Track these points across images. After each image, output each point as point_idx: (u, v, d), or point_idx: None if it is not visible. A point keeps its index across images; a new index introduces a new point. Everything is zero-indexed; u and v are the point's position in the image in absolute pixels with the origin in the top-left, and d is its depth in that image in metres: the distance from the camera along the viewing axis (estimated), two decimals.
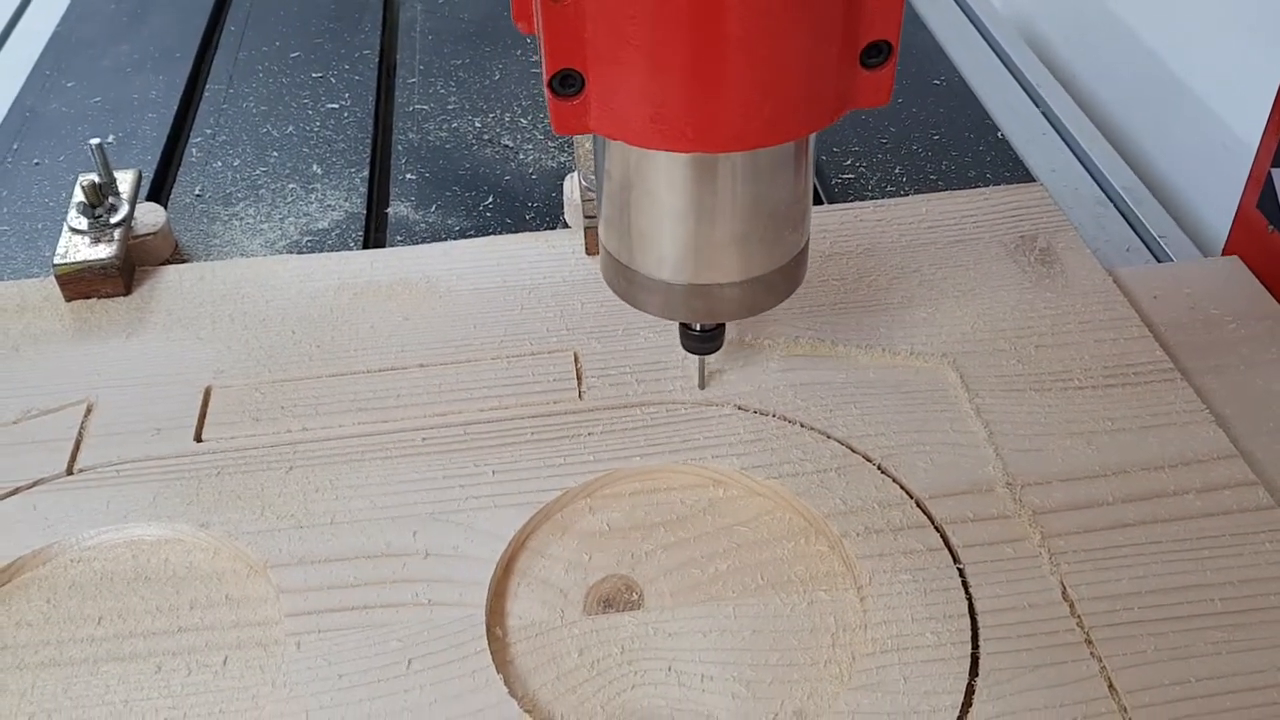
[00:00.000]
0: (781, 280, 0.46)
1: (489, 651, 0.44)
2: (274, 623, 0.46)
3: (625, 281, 0.47)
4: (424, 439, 0.52)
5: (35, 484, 0.51)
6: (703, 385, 0.54)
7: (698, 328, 0.50)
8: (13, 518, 0.49)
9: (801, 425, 0.52)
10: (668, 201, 0.42)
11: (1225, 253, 0.64)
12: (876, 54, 0.39)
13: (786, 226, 0.45)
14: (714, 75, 0.36)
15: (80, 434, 0.53)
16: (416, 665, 0.43)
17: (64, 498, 0.50)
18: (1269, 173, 0.60)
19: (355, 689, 0.43)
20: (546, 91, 0.39)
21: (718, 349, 0.52)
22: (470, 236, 0.66)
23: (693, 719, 0.42)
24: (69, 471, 0.51)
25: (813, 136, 0.43)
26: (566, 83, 0.38)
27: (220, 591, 0.47)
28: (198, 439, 0.53)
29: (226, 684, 0.44)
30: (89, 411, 0.55)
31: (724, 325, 0.51)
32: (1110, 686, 0.42)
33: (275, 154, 0.76)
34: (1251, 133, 0.75)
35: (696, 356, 0.53)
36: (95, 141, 0.63)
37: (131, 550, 0.49)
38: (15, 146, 0.77)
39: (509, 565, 0.48)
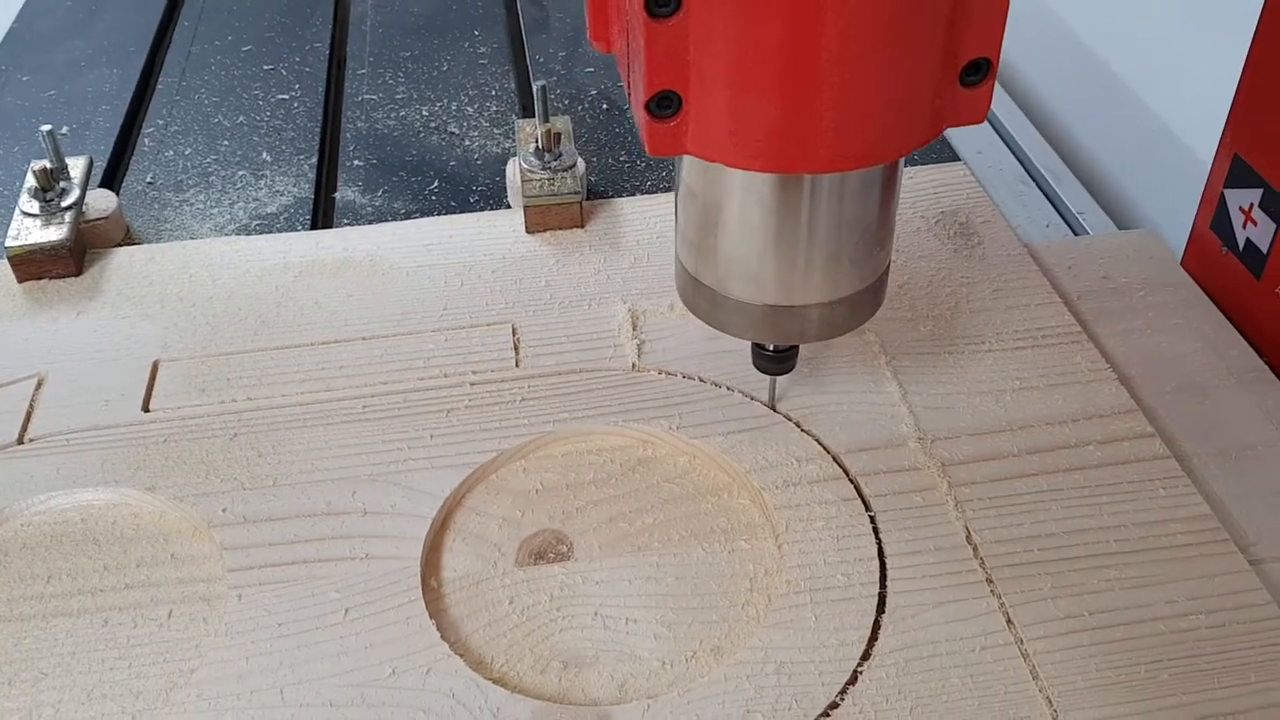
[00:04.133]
0: (867, 300, 0.46)
1: (423, 601, 0.46)
2: (217, 579, 0.48)
3: (707, 302, 0.46)
4: (364, 407, 0.55)
5: None
6: (773, 404, 0.54)
7: (771, 348, 0.50)
8: None
9: (727, 388, 0.55)
10: (760, 223, 0.42)
11: (1181, 266, 0.64)
12: (976, 72, 0.38)
13: (875, 246, 0.44)
14: (819, 96, 0.36)
15: (31, 406, 0.55)
16: (353, 614, 0.45)
17: (14, 465, 0.52)
18: (1221, 194, 0.61)
19: (293, 636, 0.44)
20: (641, 114, 0.38)
21: (791, 370, 0.51)
22: (416, 219, 0.68)
23: (617, 658, 0.44)
24: (20, 441, 0.53)
25: None
26: (664, 104, 0.37)
27: (166, 550, 0.49)
28: (145, 409, 0.55)
29: (171, 635, 0.46)
30: (39, 385, 0.56)
31: (798, 346, 0.51)
32: (1008, 621, 0.44)
33: (226, 143, 0.78)
34: (1175, 117, 0.79)
35: (768, 376, 0.52)
36: (47, 128, 0.65)
37: (80, 514, 0.51)
38: None
39: (445, 522, 0.50)
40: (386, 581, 0.46)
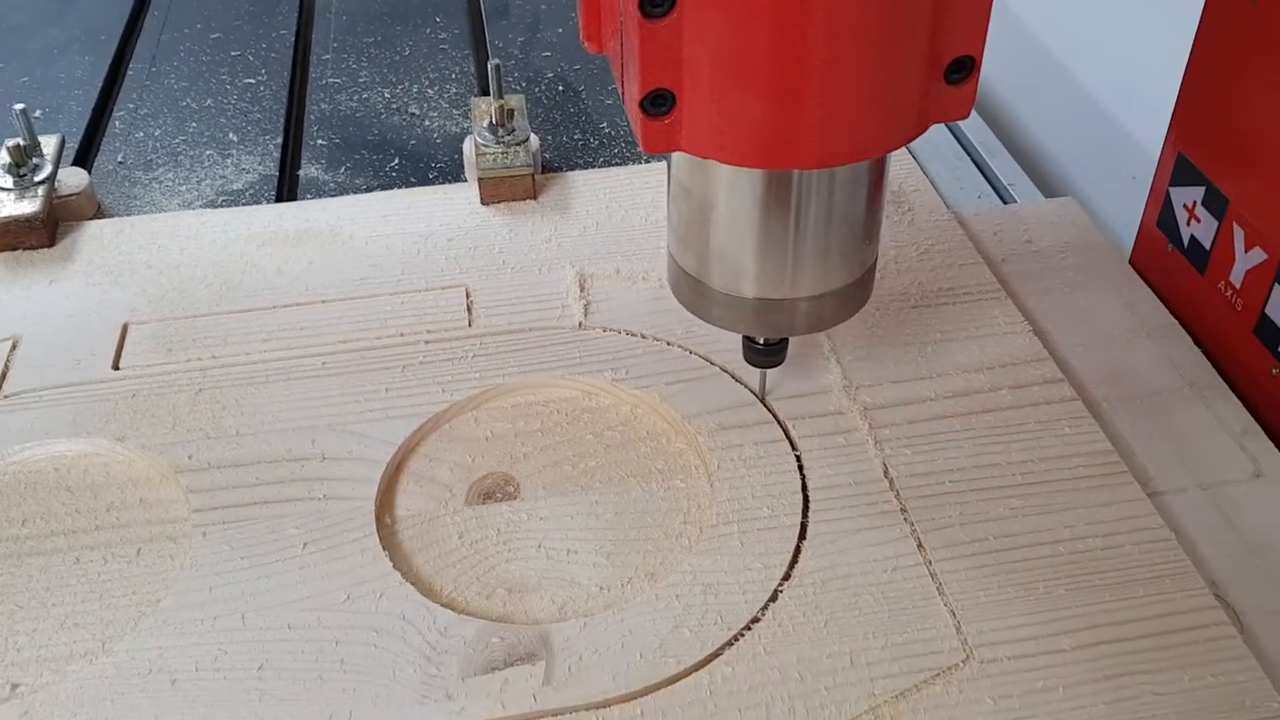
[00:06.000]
0: (854, 293, 0.47)
1: (377, 536, 0.49)
2: (184, 520, 0.51)
3: (697, 296, 0.47)
4: (324, 364, 0.58)
5: None
6: (763, 397, 0.55)
7: (761, 341, 0.51)
8: None
9: (667, 343, 0.58)
10: (750, 218, 0.43)
11: (1130, 264, 0.66)
12: (960, 69, 0.39)
13: (863, 240, 0.45)
14: (808, 94, 0.37)
15: (6, 366, 0.58)
16: (311, 548, 0.48)
17: None
18: (1167, 192, 0.63)
19: (255, 568, 0.48)
20: (635, 112, 0.38)
21: (780, 363, 0.52)
22: (376, 193, 0.71)
23: (558, 584, 0.47)
24: None
25: None
26: (658, 102, 0.38)
27: (135, 495, 0.52)
28: (115, 367, 0.58)
29: (139, 570, 0.49)
30: (14, 347, 0.59)
31: (787, 340, 0.52)
32: (919, 545, 0.48)
33: (194, 124, 0.80)
34: (1109, 96, 0.83)
35: (758, 370, 0.54)
36: (19, 107, 0.67)
37: (53, 464, 0.53)
38: None
39: (399, 467, 0.53)
40: (343, 519, 0.50)
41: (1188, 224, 0.61)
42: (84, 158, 0.78)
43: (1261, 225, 0.55)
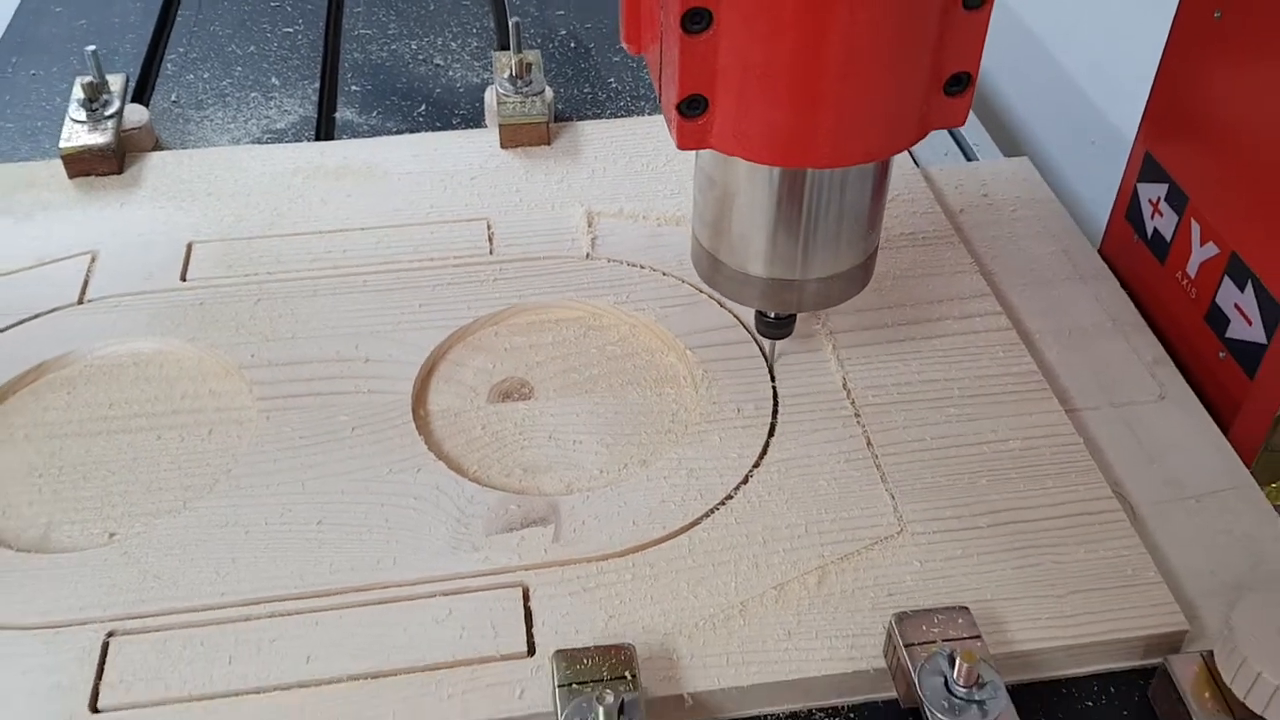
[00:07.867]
0: (857, 276, 0.53)
1: (414, 424, 0.58)
2: (248, 408, 0.60)
3: (718, 274, 0.53)
4: (365, 282, 0.66)
5: (53, 310, 0.64)
6: (773, 365, 0.61)
7: (773, 315, 0.57)
8: (37, 334, 0.63)
9: (662, 274, 0.67)
10: (769, 208, 0.49)
11: (1100, 252, 0.72)
12: (957, 84, 0.44)
13: (867, 230, 0.51)
14: (826, 104, 0.42)
15: (88, 275, 0.66)
16: (358, 431, 0.57)
17: (77, 320, 0.64)
18: (1134, 188, 0.67)
19: (311, 445, 0.57)
20: (672, 113, 0.43)
21: (789, 334, 0.58)
22: (405, 135, 0.79)
23: (565, 467, 0.57)
24: (79, 301, 0.65)
25: None
26: (693, 106, 0.43)
27: (205, 386, 0.61)
28: (183, 279, 0.66)
29: (212, 446, 0.58)
30: (93, 260, 0.68)
31: (795, 314, 0.57)
32: (868, 443, 0.57)
33: (239, 69, 0.89)
34: (1066, 52, 0.91)
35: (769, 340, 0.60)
36: (91, 48, 0.76)
37: (133, 358, 0.62)
38: (14, 60, 0.89)
39: (431, 370, 0.62)
40: (384, 409, 0.59)
41: (1151, 217, 0.67)
42: (139, 97, 0.86)
43: (1215, 222, 0.62)
